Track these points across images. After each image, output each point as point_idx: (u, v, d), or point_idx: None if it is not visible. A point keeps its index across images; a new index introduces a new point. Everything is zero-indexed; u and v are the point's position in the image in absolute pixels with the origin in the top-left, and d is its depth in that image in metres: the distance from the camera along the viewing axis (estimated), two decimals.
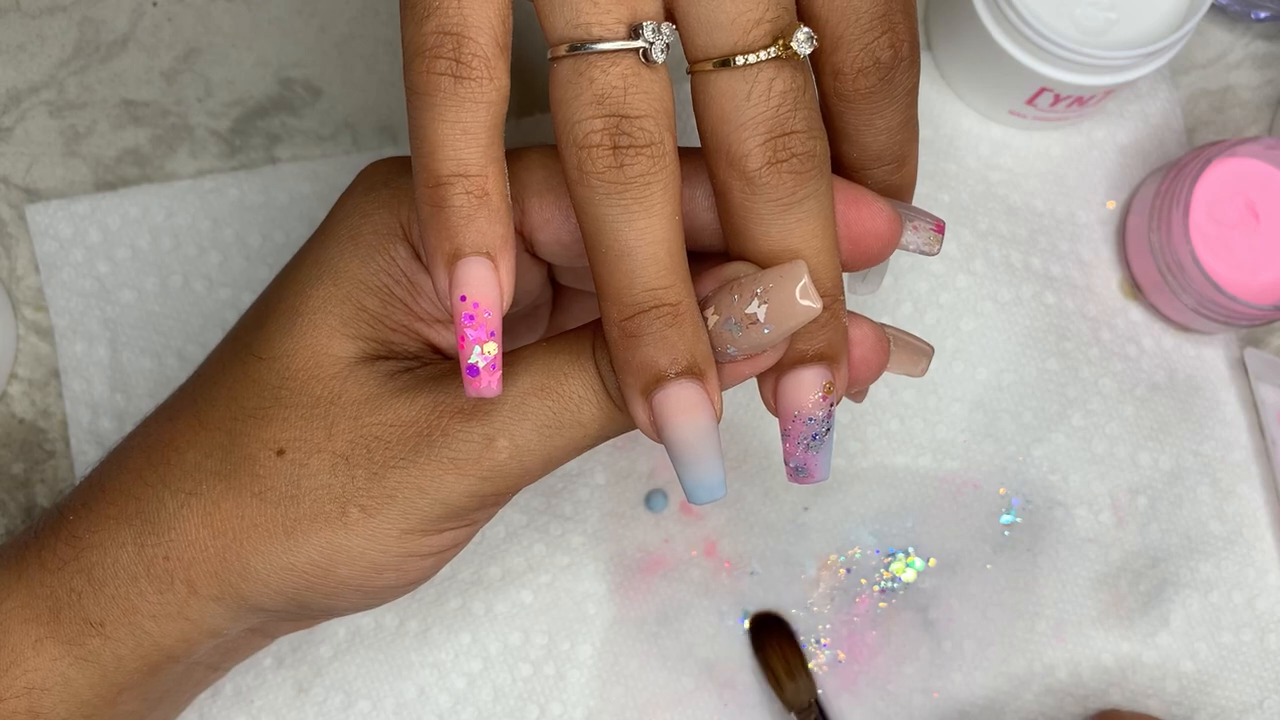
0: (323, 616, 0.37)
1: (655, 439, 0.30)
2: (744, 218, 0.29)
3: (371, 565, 0.33)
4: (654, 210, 0.28)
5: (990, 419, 0.47)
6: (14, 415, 0.45)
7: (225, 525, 0.33)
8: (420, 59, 0.28)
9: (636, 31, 0.27)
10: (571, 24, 0.27)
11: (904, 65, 0.30)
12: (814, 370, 0.30)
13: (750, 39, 0.27)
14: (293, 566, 0.32)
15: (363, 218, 0.34)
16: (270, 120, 0.47)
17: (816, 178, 0.28)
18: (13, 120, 0.46)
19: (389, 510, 0.32)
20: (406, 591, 0.35)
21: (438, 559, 0.34)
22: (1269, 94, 0.50)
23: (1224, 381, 0.48)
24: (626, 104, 0.27)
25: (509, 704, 0.44)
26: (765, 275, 0.29)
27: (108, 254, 0.45)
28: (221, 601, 0.33)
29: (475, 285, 0.28)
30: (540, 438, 0.31)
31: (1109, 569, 0.47)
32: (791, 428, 0.30)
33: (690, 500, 0.30)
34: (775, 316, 0.28)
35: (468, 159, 0.28)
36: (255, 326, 0.35)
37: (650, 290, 0.28)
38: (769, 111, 0.28)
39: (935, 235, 0.32)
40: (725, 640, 0.45)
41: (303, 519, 0.32)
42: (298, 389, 0.33)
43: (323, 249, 0.34)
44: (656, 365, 0.29)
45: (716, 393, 0.29)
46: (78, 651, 0.33)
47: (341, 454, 0.32)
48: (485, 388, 0.29)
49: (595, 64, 0.27)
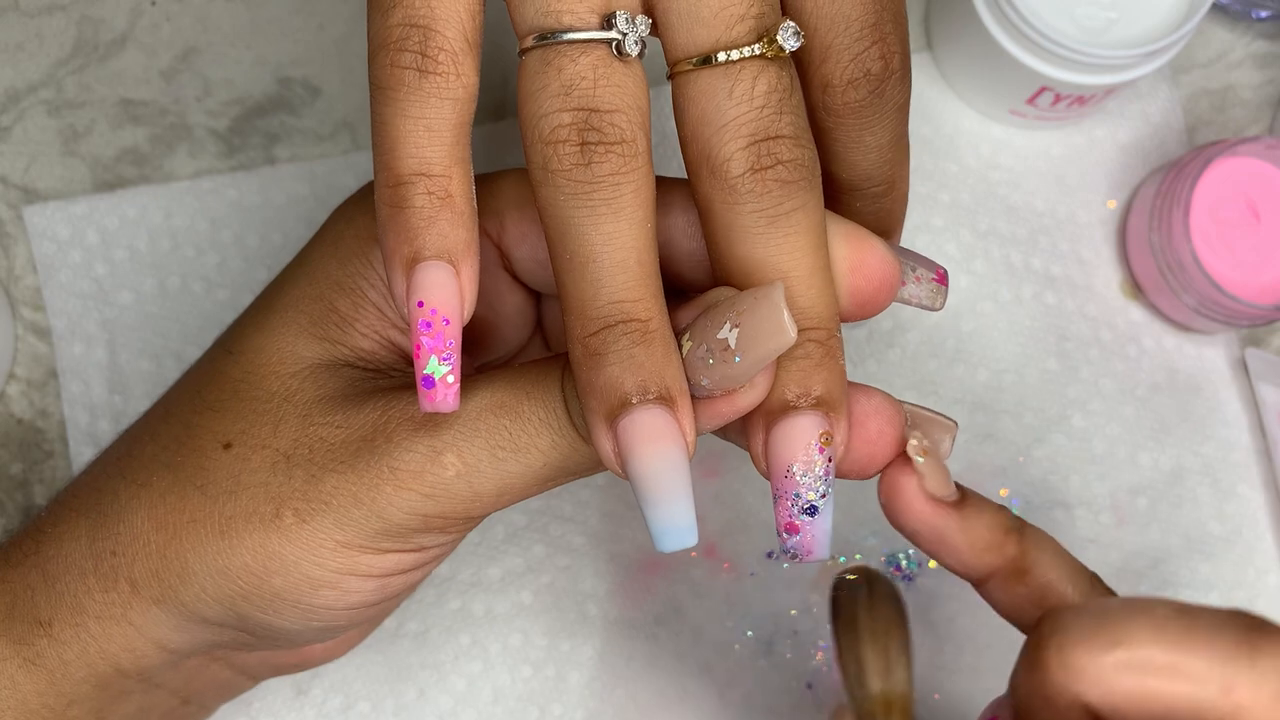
0: (267, 639, 0.33)
1: (620, 474, 0.27)
2: (726, 233, 0.27)
3: (305, 578, 0.30)
4: (623, 213, 0.26)
5: (990, 419, 0.47)
6: (12, 415, 0.45)
7: (168, 519, 0.31)
8: (384, 52, 0.26)
9: (609, 22, 0.26)
10: (541, 12, 0.26)
11: (895, 78, 0.28)
12: (808, 418, 0.27)
13: (733, 34, 0.26)
14: (227, 569, 0.31)
15: (347, 223, 0.33)
16: (269, 120, 0.47)
17: (805, 189, 0.26)
18: (11, 120, 0.46)
19: (323, 517, 0.30)
20: (352, 622, 0.33)
21: (381, 585, 0.31)
22: (1269, 93, 0.50)
23: (1224, 381, 0.48)
24: (596, 97, 0.26)
25: (509, 705, 0.44)
26: (741, 297, 0.26)
27: (106, 255, 0.45)
28: (162, 605, 0.32)
29: (434, 291, 0.26)
30: (492, 459, 0.29)
31: (1109, 569, 0.47)
32: (783, 487, 0.27)
33: (657, 547, 0.27)
34: (746, 342, 0.25)
35: (430, 158, 0.26)
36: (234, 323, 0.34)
37: (616, 303, 0.26)
38: (752, 112, 0.26)
39: (938, 287, 0.30)
40: (725, 640, 0.45)
41: (238, 517, 0.30)
42: (255, 384, 0.32)
43: (309, 252, 0.34)
44: (622, 388, 0.26)
45: (689, 421, 0.26)
46: (25, 653, 0.32)
47: (284, 452, 0.31)
48: (441, 401, 0.27)
49: (564, 53, 0.26)
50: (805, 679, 0.45)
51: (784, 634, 0.45)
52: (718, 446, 0.46)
